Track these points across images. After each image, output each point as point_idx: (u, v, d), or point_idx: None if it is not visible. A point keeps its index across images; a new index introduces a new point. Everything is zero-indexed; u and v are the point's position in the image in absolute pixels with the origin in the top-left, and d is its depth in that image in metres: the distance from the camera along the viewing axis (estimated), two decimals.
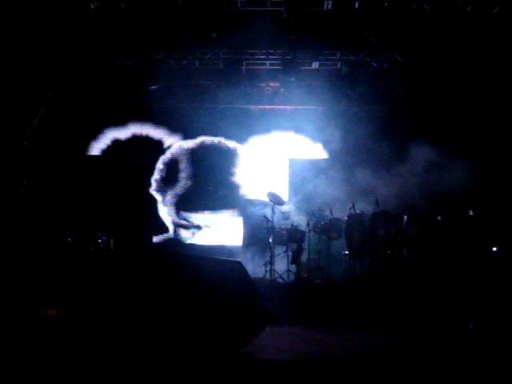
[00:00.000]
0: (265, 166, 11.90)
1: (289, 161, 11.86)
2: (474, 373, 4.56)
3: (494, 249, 8.39)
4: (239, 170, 11.93)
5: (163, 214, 11.78)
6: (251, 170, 11.94)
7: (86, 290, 5.82)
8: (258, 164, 11.94)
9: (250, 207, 10.59)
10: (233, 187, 11.82)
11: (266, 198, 9.52)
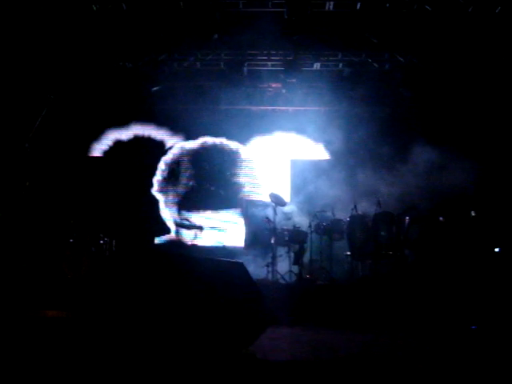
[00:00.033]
0: (267, 167, 11.90)
1: (291, 162, 11.85)
2: (475, 374, 4.55)
3: (496, 249, 8.38)
4: (241, 171, 11.93)
5: (165, 215, 11.78)
6: (253, 171, 11.94)
7: (88, 292, 5.83)
8: (260, 165, 11.93)
9: (252, 208, 10.60)
10: (234, 188, 11.82)
11: (268, 199, 9.53)
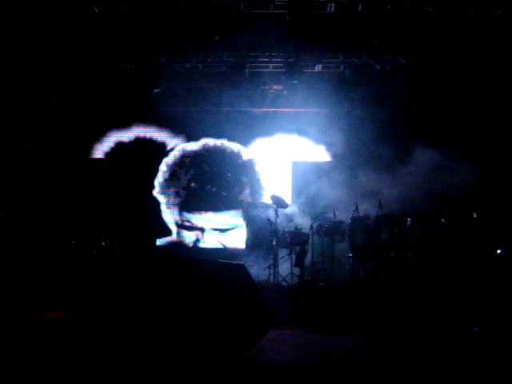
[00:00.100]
0: (268, 169, 11.89)
1: (292, 163, 11.85)
2: (477, 375, 4.55)
3: (498, 251, 8.36)
4: (242, 173, 11.93)
5: (166, 217, 11.78)
6: (254, 173, 11.93)
7: (90, 294, 5.83)
8: (262, 167, 11.93)
9: (253, 210, 10.59)
10: (236, 189, 11.82)
11: (270, 201, 9.53)
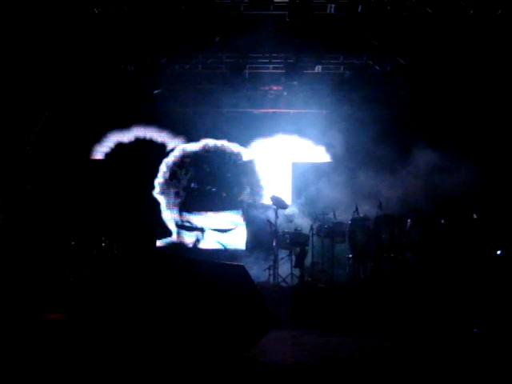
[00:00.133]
0: (268, 170, 11.90)
1: (292, 164, 11.85)
2: (477, 376, 4.55)
3: (498, 252, 8.36)
4: (242, 174, 11.93)
5: (166, 217, 11.79)
6: (254, 174, 11.94)
7: (90, 294, 5.83)
8: (262, 167, 11.93)
9: (253, 211, 10.59)
10: (236, 190, 11.82)
11: (270, 202, 9.53)
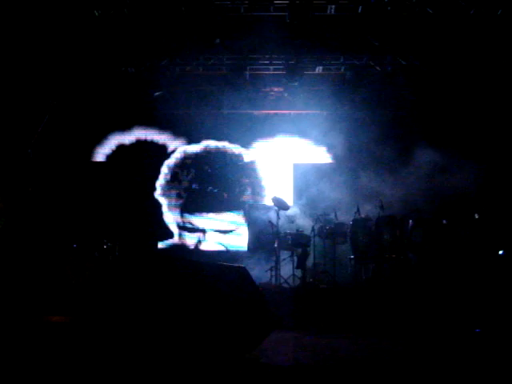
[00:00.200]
0: (269, 171, 11.90)
1: (293, 165, 11.85)
2: (479, 377, 4.54)
3: (500, 252, 8.35)
4: (243, 175, 11.93)
5: (168, 219, 11.79)
6: (256, 175, 11.94)
7: (92, 297, 5.83)
8: (263, 168, 11.94)
9: (255, 212, 10.59)
10: (237, 190, 11.82)
11: (271, 203, 9.52)
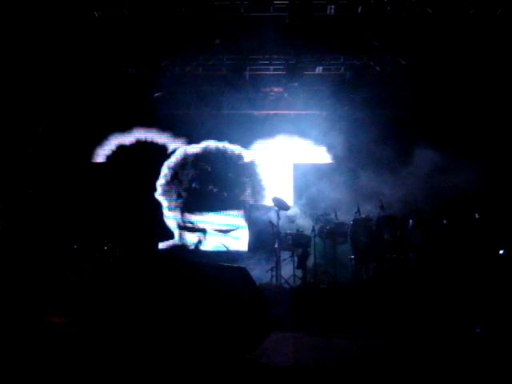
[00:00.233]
0: (269, 171, 11.90)
1: (293, 165, 11.85)
2: (479, 376, 4.54)
3: (501, 252, 8.35)
4: (244, 175, 11.93)
5: (168, 219, 11.79)
6: (256, 175, 11.94)
7: (92, 298, 5.84)
8: (263, 169, 11.94)
9: (255, 212, 10.59)
10: (237, 190, 11.82)
11: (271, 203, 9.52)
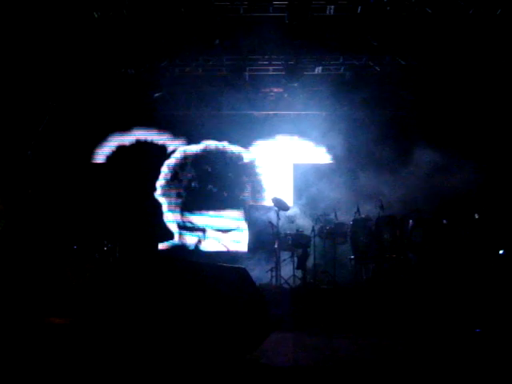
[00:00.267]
0: (269, 171, 11.90)
1: (293, 166, 11.85)
2: (479, 376, 4.55)
3: (501, 252, 8.35)
4: (243, 175, 11.93)
5: (168, 219, 11.79)
6: (256, 175, 11.94)
7: (92, 298, 5.84)
8: (263, 169, 11.94)
9: (255, 212, 10.59)
10: (237, 189, 11.82)
11: (271, 204, 9.53)
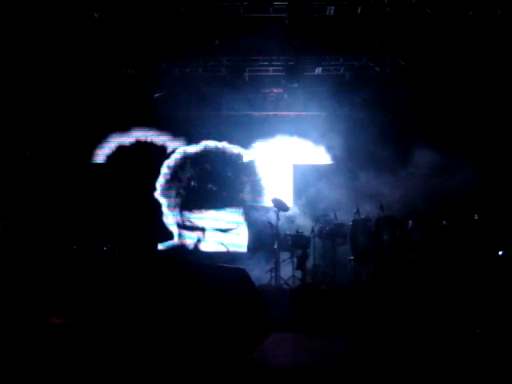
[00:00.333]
0: (269, 172, 11.90)
1: (293, 166, 11.85)
2: (479, 377, 4.55)
3: (500, 253, 8.36)
4: (243, 175, 11.93)
5: (168, 220, 11.78)
6: (255, 176, 11.94)
7: (92, 299, 5.84)
8: (262, 169, 11.94)
9: (255, 213, 10.59)
10: (237, 189, 11.82)
11: (271, 204, 9.53)
